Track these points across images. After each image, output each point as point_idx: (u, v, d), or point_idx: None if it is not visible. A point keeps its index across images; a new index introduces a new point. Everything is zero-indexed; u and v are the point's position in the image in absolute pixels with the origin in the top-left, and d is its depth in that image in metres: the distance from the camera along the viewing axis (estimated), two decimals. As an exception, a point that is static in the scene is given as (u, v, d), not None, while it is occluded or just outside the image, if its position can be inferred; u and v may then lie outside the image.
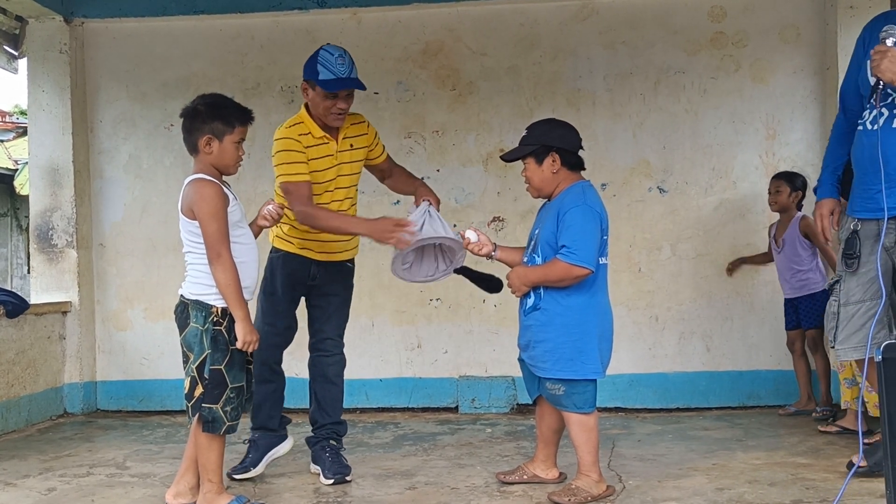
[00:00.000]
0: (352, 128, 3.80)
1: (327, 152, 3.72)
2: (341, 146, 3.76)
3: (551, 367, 3.34)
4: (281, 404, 3.92)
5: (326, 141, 3.72)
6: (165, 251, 5.59)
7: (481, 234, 3.56)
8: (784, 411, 5.04)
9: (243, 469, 3.77)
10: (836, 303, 3.43)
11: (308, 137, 3.69)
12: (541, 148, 3.40)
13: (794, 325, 5.04)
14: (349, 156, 3.78)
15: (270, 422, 3.86)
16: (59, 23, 5.64)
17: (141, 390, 5.71)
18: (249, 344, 3.11)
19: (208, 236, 3.06)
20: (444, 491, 3.56)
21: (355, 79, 3.68)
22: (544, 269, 3.34)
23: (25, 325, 5.19)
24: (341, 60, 3.63)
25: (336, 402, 3.89)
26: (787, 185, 4.99)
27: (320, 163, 3.70)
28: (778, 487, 3.46)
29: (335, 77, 3.60)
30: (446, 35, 5.60)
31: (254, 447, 3.84)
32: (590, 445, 3.35)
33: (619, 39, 5.50)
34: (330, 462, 3.75)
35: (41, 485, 3.80)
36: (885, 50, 3.11)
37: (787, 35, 5.38)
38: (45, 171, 5.65)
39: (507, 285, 3.49)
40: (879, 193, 3.22)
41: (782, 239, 5.00)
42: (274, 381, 3.86)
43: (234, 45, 5.72)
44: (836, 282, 3.46)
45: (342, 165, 3.77)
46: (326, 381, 3.86)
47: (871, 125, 3.28)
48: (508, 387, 5.42)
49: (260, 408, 3.81)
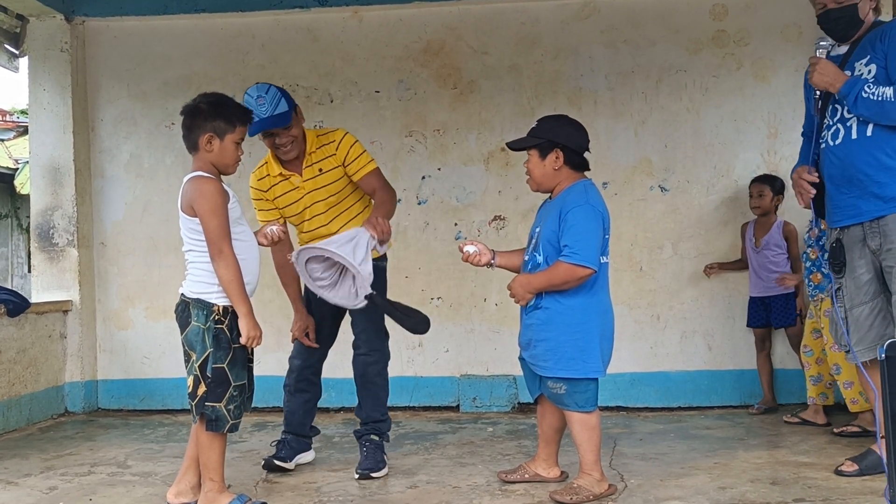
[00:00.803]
0: (319, 151, 3.77)
1: (290, 187, 3.80)
2: (307, 174, 3.77)
3: (553, 365, 3.33)
4: (313, 414, 4.07)
5: (287, 176, 3.79)
6: (166, 250, 5.59)
7: (479, 243, 3.54)
8: (755, 410, 5.08)
9: (281, 458, 3.89)
10: (843, 308, 3.51)
11: (267, 180, 3.83)
12: (546, 142, 3.39)
13: (762, 322, 5.12)
14: (319, 181, 3.77)
15: (302, 428, 4.02)
16: (60, 21, 5.63)
17: (142, 389, 5.70)
18: (253, 339, 3.10)
19: (209, 232, 3.05)
20: (446, 490, 3.56)
21: (272, 117, 3.60)
22: (547, 274, 3.32)
23: (26, 324, 5.19)
24: (261, 101, 3.61)
25: (378, 399, 3.94)
26: (769, 189, 5.06)
27: (284, 198, 3.82)
28: (780, 486, 3.46)
29: (255, 119, 3.51)
30: (447, 34, 5.60)
31: (286, 447, 3.95)
32: (591, 444, 3.35)
33: (621, 38, 5.49)
34: (363, 458, 3.82)
35: (43, 483, 3.80)
36: (816, 61, 3.40)
37: (789, 33, 5.37)
38: (47, 170, 5.64)
39: (511, 295, 3.44)
40: (858, 199, 3.38)
41: (762, 240, 5.07)
42: (310, 391, 4.01)
43: (235, 44, 5.72)
44: (837, 289, 3.53)
45: (313, 192, 3.78)
46: (367, 381, 3.92)
47: (832, 141, 3.46)
48: (510, 385, 5.42)
49: (293, 414, 3.99)
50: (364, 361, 3.91)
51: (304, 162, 3.77)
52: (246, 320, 3.08)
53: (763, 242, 5.07)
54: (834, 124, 3.46)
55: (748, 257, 5.20)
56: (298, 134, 3.74)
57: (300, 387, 3.97)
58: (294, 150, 3.73)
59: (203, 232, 3.07)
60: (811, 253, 4.71)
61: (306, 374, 3.98)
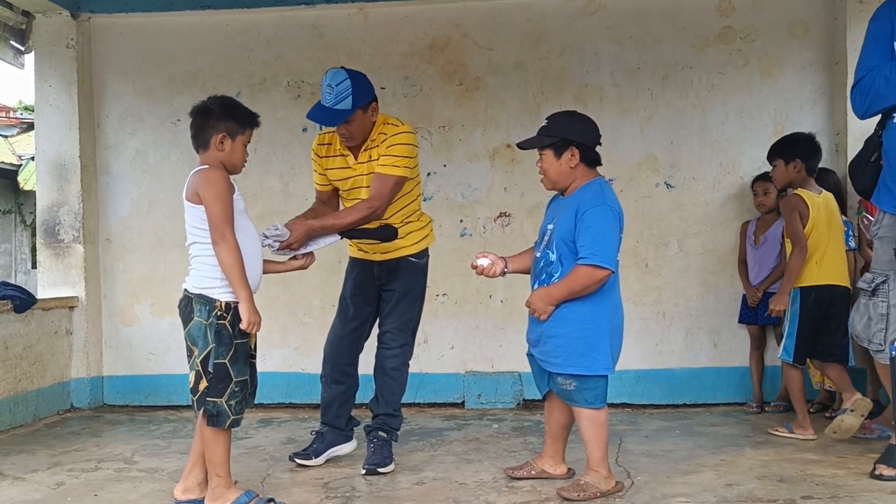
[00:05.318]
0: (377, 138, 3.81)
1: (343, 164, 3.90)
2: (361, 158, 3.83)
3: (563, 362, 3.33)
4: (350, 405, 4.06)
5: (344, 154, 3.89)
6: (172, 246, 5.58)
7: (490, 255, 3.54)
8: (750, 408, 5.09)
9: (305, 455, 3.93)
10: (885, 304, 3.33)
11: (326, 148, 3.96)
12: (560, 141, 3.38)
13: (751, 320, 5.09)
14: (368, 167, 3.82)
15: (337, 421, 4.01)
16: (66, 18, 5.63)
17: (148, 385, 5.71)
18: (253, 325, 3.11)
19: (213, 216, 3.07)
20: (453, 486, 3.56)
21: (325, 111, 3.70)
22: (567, 283, 3.29)
23: (32, 320, 5.20)
24: (329, 90, 3.70)
25: (392, 394, 3.95)
26: (773, 186, 4.98)
27: (335, 173, 3.94)
28: (787, 484, 3.46)
29: (316, 104, 3.77)
30: (453, 30, 5.59)
31: (320, 439, 3.98)
32: (599, 441, 3.35)
33: (627, 34, 5.48)
34: (370, 453, 3.83)
35: (50, 479, 3.81)
36: None
37: (795, 30, 5.36)
38: (52, 167, 5.65)
39: (531, 311, 3.41)
40: None
41: (763, 237, 5.06)
42: (345, 382, 4.01)
43: (241, 41, 5.71)
44: (882, 282, 3.35)
45: (360, 177, 3.84)
46: (384, 373, 3.95)
47: None
48: (515, 382, 5.42)
49: (329, 406, 4.01)
50: (386, 354, 3.94)
51: (362, 147, 3.83)
52: (246, 305, 3.09)
53: (762, 239, 5.07)
54: None
55: (746, 253, 5.20)
56: (359, 129, 3.76)
57: (336, 378, 3.98)
58: (353, 141, 3.80)
59: (207, 219, 3.09)
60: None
61: (342, 365, 3.98)
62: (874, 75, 3.27)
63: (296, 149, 5.64)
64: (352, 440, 4.08)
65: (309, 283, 5.55)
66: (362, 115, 3.74)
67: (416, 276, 3.97)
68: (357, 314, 3.99)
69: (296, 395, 5.59)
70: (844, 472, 3.60)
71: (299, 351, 5.62)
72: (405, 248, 3.92)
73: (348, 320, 4.00)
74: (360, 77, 3.75)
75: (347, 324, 3.99)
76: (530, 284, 3.51)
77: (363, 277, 3.99)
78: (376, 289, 3.98)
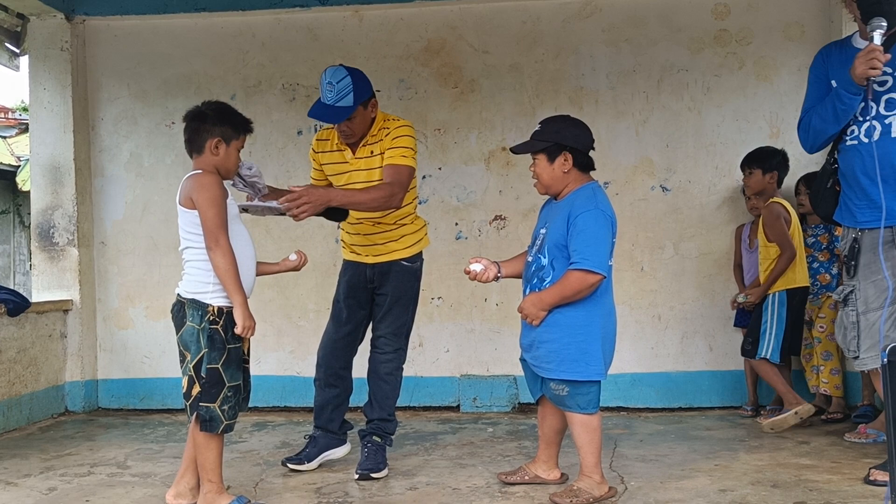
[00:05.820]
0: (377, 134, 3.82)
1: (340, 159, 3.90)
2: (359, 153, 3.83)
3: (555, 367, 3.32)
4: (343, 409, 4.03)
5: (342, 149, 3.89)
6: (166, 249, 5.58)
7: (483, 260, 3.53)
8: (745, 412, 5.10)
9: (298, 460, 3.91)
10: (855, 312, 3.44)
11: (325, 143, 3.97)
12: (554, 146, 3.37)
13: (746, 323, 5.09)
14: (366, 163, 3.82)
15: (331, 424, 4.00)
16: (61, 20, 5.62)
17: (142, 389, 5.70)
18: (247, 329, 3.11)
19: (207, 221, 3.06)
20: (446, 491, 3.55)
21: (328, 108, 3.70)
22: (559, 288, 3.28)
23: (27, 324, 5.19)
24: (330, 87, 3.70)
25: (386, 399, 3.93)
26: None
27: (332, 167, 3.94)
28: (781, 489, 3.44)
29: (317, 102, 3.76)
30: (448, 33, 5.58)
31: (312, 443, 3.97)
32: (593, 446, 3.34)
33: (622, 37, 5.47)
34: (364, 458, 3.82)
35: (42, 484, 3.80)
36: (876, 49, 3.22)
37: (791, 32, 5.35)
38: (47, 169, 5.64)
39: (523, 317, 3.41)
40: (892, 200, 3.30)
41: (757, 241, 5.04)
42: (338, 386, 3.99)
43: (236, 43, 5.70)
44: (850, 292, 3.47)
45: (357, 172, 3.83)
46: (378, 378, 3.93)
47: (865, 138, 3.38)
48: (510, 386, 5.41)
49: (323, 409, 3.98)
50: (380, 359, 3.93)
51: (361, 142, 3.83)
52: (240, 310, 3.09)
53: (756, 243, 5.07)
54: (866, 121, 3.37)
55: (741, 257, 5.22)
56: (359, 125, 3.78)
57: (330, 381, 3.96)
58: (353, 137, 3.81)
59: (201, 224, 3.08)
60: (820, 255, 4.88)
61: (336, 369, 3.97)
62: (811, 115, 3.57)
63: (291, 152, 5.63)
64: (345, 444, 4.06)
65: (304, 286, 5.54)
66: (363, 111, 3.76)
67: (409, 281, 3.95)
68: (350, 318, 3.98)
69: (290, 398, 5.58)
70: (838, 477, 3.59)
71: (294, 354, 5.61)
72: (398, 252, 3.91)
73: (342, 324, 3.99)
74: (359, 74, 3.76)
75: (341, 327, 3.99)
76: (522, 289, 3.50)
77: (356, 280, 3.98)
78: (369, 292, 3.97)
